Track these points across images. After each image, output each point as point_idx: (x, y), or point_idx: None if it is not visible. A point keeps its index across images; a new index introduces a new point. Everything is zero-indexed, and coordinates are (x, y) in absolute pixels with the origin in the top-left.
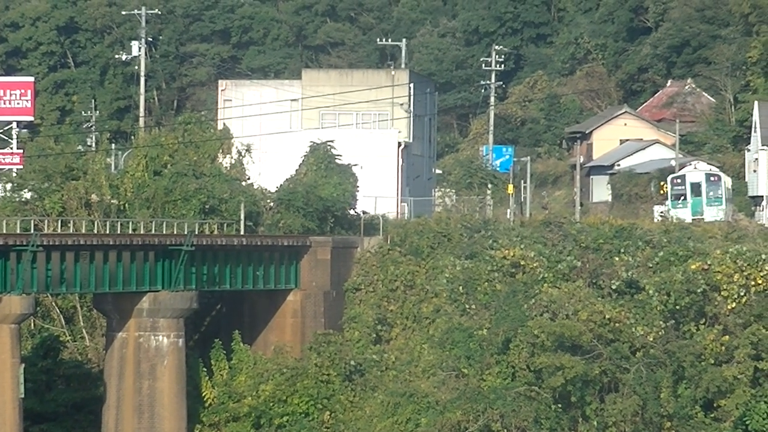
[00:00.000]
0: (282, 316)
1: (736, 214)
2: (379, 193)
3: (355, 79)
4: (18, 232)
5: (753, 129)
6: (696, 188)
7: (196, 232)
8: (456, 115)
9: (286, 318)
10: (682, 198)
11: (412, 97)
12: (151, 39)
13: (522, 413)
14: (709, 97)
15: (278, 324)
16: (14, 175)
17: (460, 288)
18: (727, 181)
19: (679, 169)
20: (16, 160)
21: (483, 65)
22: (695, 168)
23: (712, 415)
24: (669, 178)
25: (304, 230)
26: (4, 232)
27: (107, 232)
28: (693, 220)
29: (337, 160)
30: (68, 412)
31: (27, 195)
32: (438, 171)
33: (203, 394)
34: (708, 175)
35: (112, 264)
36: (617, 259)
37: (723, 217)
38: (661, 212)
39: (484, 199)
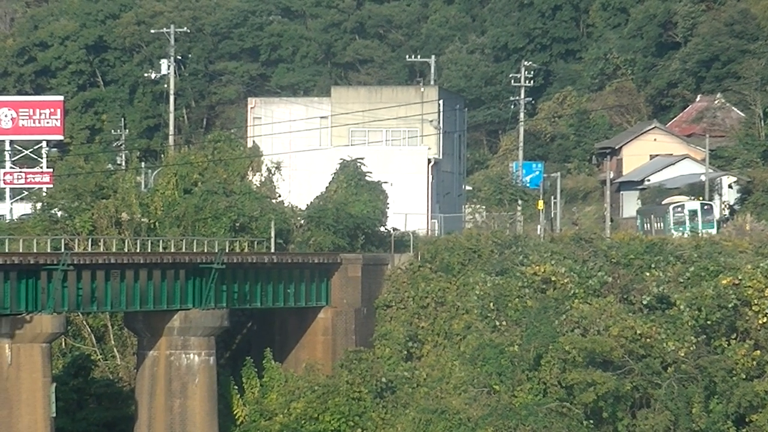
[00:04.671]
0: (313, 333)
1: None
2: (409, 210)
3: (385, 96)
4: (48, 251)
5: None
6: (693, 215)
7: (227, 250)
8: (485, 131)
9: (317, 335)
10: (682, 223)
11: (441, 114)
12: (180, 57)
13: (554, 429)
14: (738, 111)
15: (309, 341)
16: (44, 194)
17: (491, 304)
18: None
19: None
20: (46, 179)
21: (512, 81)
22: (690, 199)
23: (744, 430)
24: (671, 208)
25: (334, 248)
26: (35, 251)
27: (137, 250)
28: None
29: (367, 178)
30: (99, 431)
31: (57, 214)
32: (468, 187)
33: (235, 412)
34: (703, 205)
35: (143, 282)
36: (648, 274)
37: None
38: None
39: (515, 215)
